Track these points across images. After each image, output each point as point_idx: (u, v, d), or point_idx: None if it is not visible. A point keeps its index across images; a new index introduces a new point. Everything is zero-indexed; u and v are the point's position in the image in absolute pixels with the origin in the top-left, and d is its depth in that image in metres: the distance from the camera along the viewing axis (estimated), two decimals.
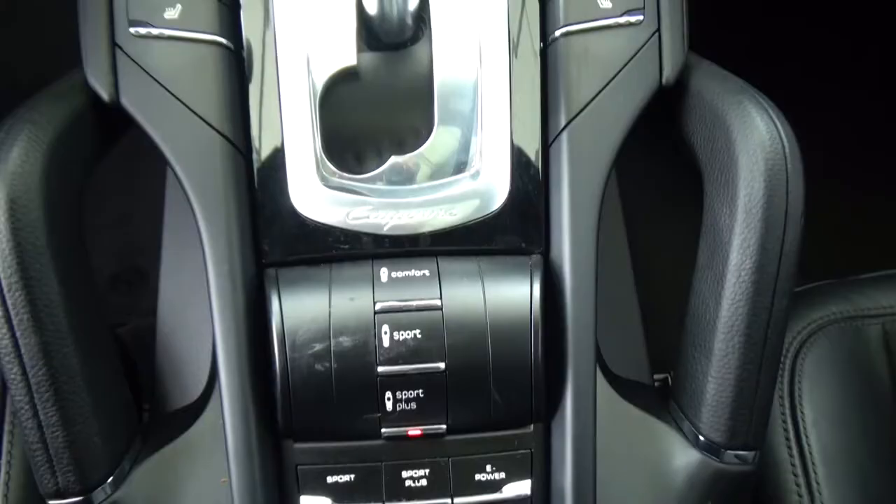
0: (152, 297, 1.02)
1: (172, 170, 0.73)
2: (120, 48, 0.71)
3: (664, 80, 0.75)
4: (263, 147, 0.73)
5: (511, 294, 0.71)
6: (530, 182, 0.74)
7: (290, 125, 0.73)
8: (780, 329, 0.72)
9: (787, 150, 0.69)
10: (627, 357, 1.00)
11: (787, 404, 0.89)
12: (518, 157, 0.74)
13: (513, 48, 0.75)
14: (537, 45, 0.76)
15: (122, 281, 1.67)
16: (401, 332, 0.69)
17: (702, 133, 0.74)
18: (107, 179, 0.89)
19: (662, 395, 0.82)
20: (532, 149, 0.75)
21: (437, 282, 0.71)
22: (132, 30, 0.71)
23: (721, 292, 0.70)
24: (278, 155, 0.73)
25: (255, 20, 0.74)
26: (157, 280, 1.03)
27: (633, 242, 1.10)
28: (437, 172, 0.74)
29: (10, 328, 0.64)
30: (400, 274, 0.71)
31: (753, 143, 0.68)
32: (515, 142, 0.74)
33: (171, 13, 0.71)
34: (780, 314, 0.71)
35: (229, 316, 0.72)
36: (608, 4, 0.75)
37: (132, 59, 0.71)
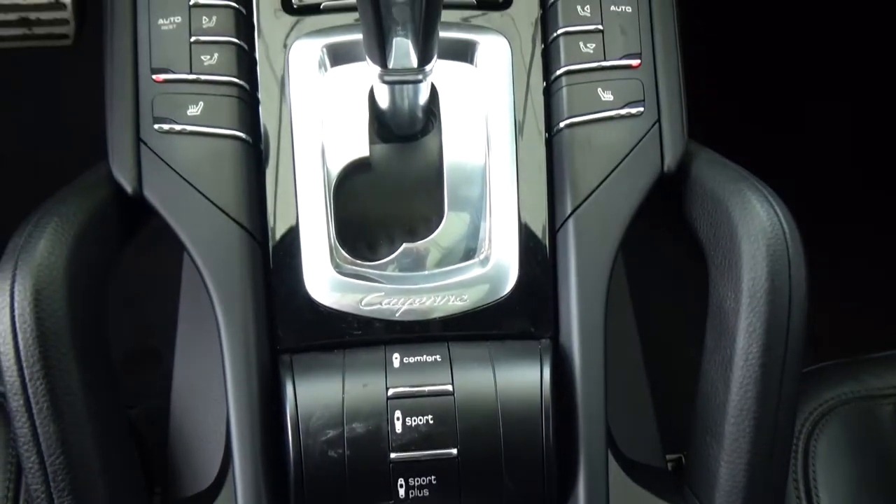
0: (165, 378, 1.03)
1: (190, 256, 0.75)
2: (144, 143, 0.75)
3: (665, 168, 0.78)
4: (279, 235, 0.76)
5: (521, 379, 0.72)
6: (538, 267, 0.76)
7: (306, 214, 0.76)
8: (791, 412, 0.73)
9: (787, 235, 0.70)
10: (639, 438, 0.99)
11: (801, 487, 0.89)
12: (526, 243, 0.76)
13: (519, 139, 0.78)
14: (542, 134, 0.79)
15: (134, 361, 1.68)
16: (413, 418, 0.70)
17: (704, 219, 0.76)
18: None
19: (675, 479, 0.82)
20: (539, 235, 0.77)
21: (449, 367, 0.72)
22: (157, 126, 0.75)
23: (730, 376, 0.71)
24: (293, 243, 0.75)
25: (272, 115, 0.78)
26: (169, 362, 1.04)
27: (641, 321, 1.11)
28: (448, 258, 0.76)
29: (30, 417, 0.65)
30: (412, 359, 0.73)
31: (755, 228, 0.70)
32: (523, 228, 0.76)
33: (194, 110, 0.75)
34: (790, 397, 0.72)
35: (244, 401, 0.73)
36: (610, 97, 0.78)
37: (156, 154, 0.75)
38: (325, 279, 0.75)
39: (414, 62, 0.66)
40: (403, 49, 0.65)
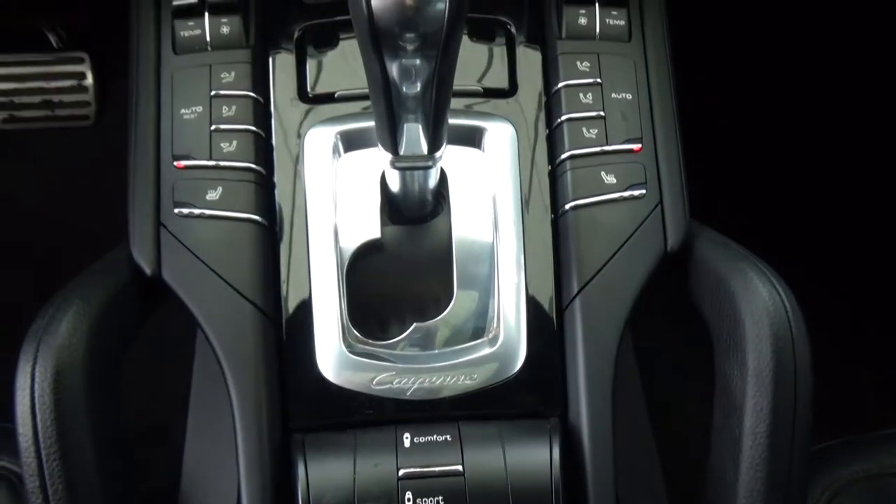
0: (174, 455, 1.03)
1: (205, 335, 0.77)
2: (164, 227, 0.78)
3: (669, 248, 0.80)
4: (293, 315, 0.78)
5: (531, 460, 0.72)
6: (546, 346, 0.78)
7: (318, 294, 0.78)
8: (802, 491, 0.73)
9: (790, 315, 0.72)
10: None
11: None
12: (534, 321, 0.78)
13: (526, 220, 0.80)
14: (549, 216, 0.81)
15: (141, 436, 1.68)
16: (424, 499, 0.70)
17: (708, 298, 0.78)
18: None
19: None
20: (547, 314, 0.78)
21: (459, 447, 0.72)
22: (177, 210, 0.78)
23: (739, 456, 0.71)
24: (306, 322, 0.77)
25: (287, 198, 0.81)
26: (177, 438, 1.05)
27: (649, 393, 1.11)
28: (457, 338, 0.78)
29: (45, 497, 0.66)
30: (422, 439, 0.73)
31: (758, 309, 0.72)
32: (531, 307, 0.78)
33: (213, 195, 0.78)
34: (800, 476, 0.72)
35: (256, 480, 0.73)
36: (613, 180, 0.81)
37: (175, 237, 0.77)
38: (336, 358, 0.76)
39: (424, 149, 0.69)
40: (414, 136, 0.69)
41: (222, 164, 0.79)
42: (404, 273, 0.80)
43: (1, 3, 1.31)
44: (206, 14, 0.83)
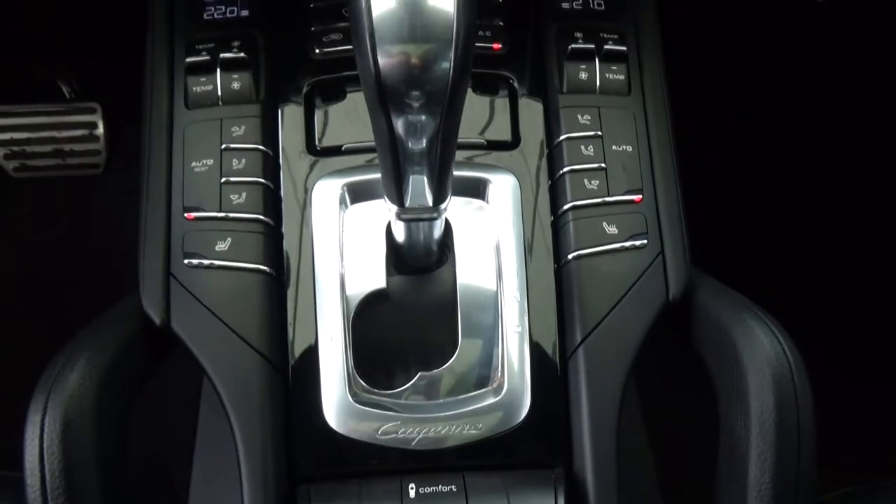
0: (179, 503, 1.03)
1: (212, 384, 0.78)
2: (174, 277, 0.79)
3: (671, 297, 0.81)
4: (299, 365, 0.79)
5: None
6: (550, 396, 0.78)
7: (325, 343, 0.78)
8: None
9: (792, 365, 0.73)
10: None
11: None
12: (538, 371, 0.78)
13: (529, 270, 0.81)
14: (552, 265, 0.83)
15: (145, 484, 1.67)
16: None
17: (710, 348, 0.79)
18: None
19: None
20: (551, 364, 0.79)
21: (464, 497, 0.73)
22: (186, 261, 0.79)
23: None
24: (312, 371, 0.78)
25: (295, 249, 0.82)
26: (183, 487, 1.04)
27: (653, 440, 1.11)
28: (462, 387, 0.78)
29: None
30: (427, 489, 0.73)
31: (760, 359, 0.73)
32: (535, 356, 0.79)
33: (222, 246, 0.80)
34: None
35: None
36: (614, 230, 0.82)
37: (185, 287, 0.79)
38: (342, 408, 0.77)
39: (429, 201, 0.71)
40: (419, 189, 0.70)
41: (231, 215, 0.81)
42: (409, 322, 0.81)
43: (18, 55, 1.35)
44: (218, 70, 0.86)
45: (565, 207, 0.83)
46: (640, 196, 0.84)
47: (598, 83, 0.89)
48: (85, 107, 1.70)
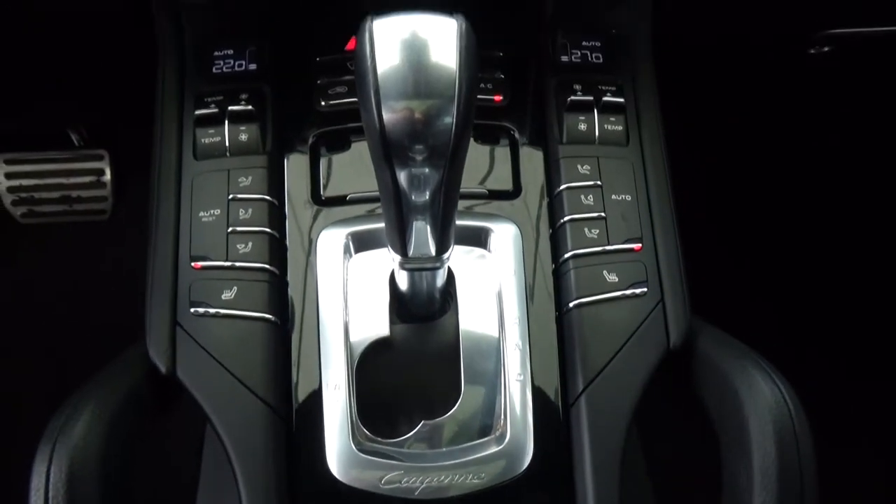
0: None
1: (216, 432, 0.78)
2: (181, 326, 0.80)
3: (671, 345, 0.82)
4: (303, 413, 0.79)
5: None
6: (553, 444, 0.78)
7: (328, 392, 0.79)
8: None
9: (793, 413, 0.73)
10: None
11: None
12: (540, 419, 0.79)
13: (531, 318, 0.82)
14: (553, 313, 0.83)
15: None
16: None
17: (711, 396, 0.79)
18: None
19: None
20: (553, 412, 0.80)
21: None
22: (193, 309, 0.81)
23: None
24: (316, 420, 0.78)
25: (300, 297, 0.83)
26: None
27: (656, 487, 1.11)
28: (465, 435, 0.79)
29: None
30: None
31: (761, 407, 0.73)
32: (537, 404, 0.79)
33: (228, 294, 0.81)
34: None
35: None
36: (615, 278, 0.83)
37: (190, 336, 0.80)
38: (345, 456, 0.77)
39: (432, 251, 0.72)
40: (422, 238, 0.71)
41: (238, 264, 0.82)
42: (413, 370, 0.82)
43: (29, 108, 1.38)
44: (227, 122, 0.88)
45: (566, 256, 0.84)
46: (640, 245, 0.85)
47: (597, 134, 0.91)
48: (93, 154, 1.72)
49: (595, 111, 0.91)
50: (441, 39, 0.59)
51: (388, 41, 0.59)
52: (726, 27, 1.15)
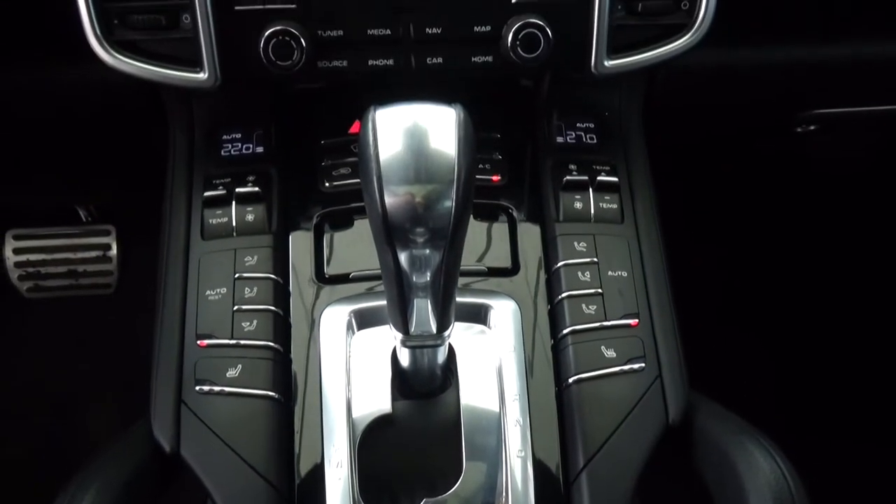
0: None
1: None
2: (185, 404, 0.81)
3: (670, 421, 0.82)
4: (305, 491, 0.79)
5: None
6: None
7: (331, 470, 0.79)
8: None
9: (793, 489, 0.73)
10: None
11: None
12: (542, 497, 0.79)
13: (531, 394, 0.83)
14: (552, 389, 0.85)
15: None
16: None
17: (711, 472, 0.79)
18: None
19: None
20: (554, 489, 0.80)
21: None
22: (198, 387, 0.82)
23: None
24: (318, 499, 0.78)
25: (303, 374, 0.84)
26: None
27: None
28: None
29: None
30: None
31: (760, 483, 0.73)
32: (538, 482, 0.79)
33: (233, 372, 0.82)
34: None
35: None
36: (613, 354, 0.85)
37: (195, 414, 0.80)
38: None
39: (433, 328, 0.74)
40: (424, 316, 0.73)
41: (243, 342, 0.83)
42: (414, 447, 0.82)
43: (37, 190, 1.42)
44: (234, 203, 0.91)
45: (564, 331, 0.86)
46: (637, 320, 0.87)
47: (592, 212, 0.93)
48: (100, 229, 1.75)
49: (590, 190, 0.94)
50: (440, 128, 0.62)
51: (390, 130, 0.62)
52: (715, 111, 1.20)
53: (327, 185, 0.95)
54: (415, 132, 0.61)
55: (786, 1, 1.03)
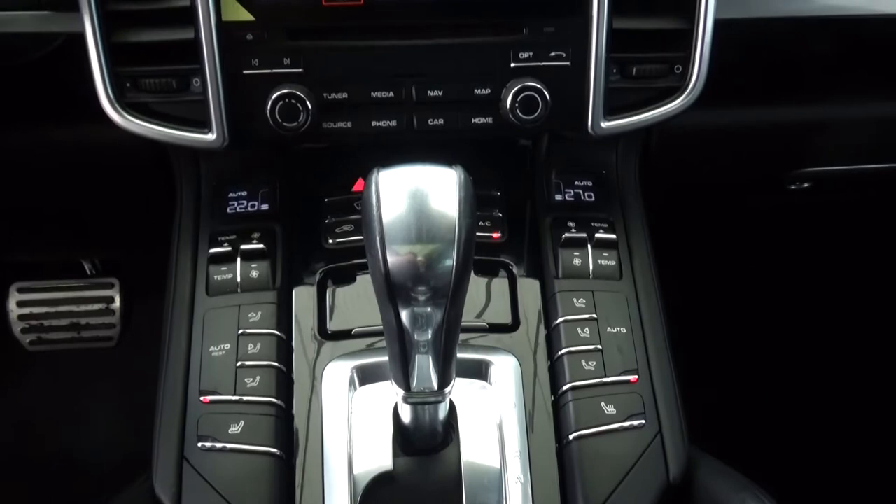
0: None
1: None
2: (187, 460, 0.81)
3: (671, 478, 0.82)
4: None
5: None
6: None
7: None
8: None
9: None
10: None
11: None
12: None
13: (532, 450, 0.84)
14: (553, 445, 0.85)
15: None
16: None
17: None
18: None
19: None
20: None
21: None
22: (200, 444, 0.82)
23: None
24: None
25: (305, 430, 0.85)
26: None
27: None
28: None
29: None
30: None
31: None
32: None
33: (235, 429, 0.83)
34: None
35: None
36: (613, 410, 0.85)
37: (197, 471, 0.81)
38: None
39: (435, 385, 0.75)
40: (425, 373, 0.74)
41: (245, 398, 0.84)
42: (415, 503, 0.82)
43: (43, 249, 1.44)
44: (239, 260, 0.93)
45: (565, 388, 0.86)
46: (637, 377, 0.87)
47: (591, 269, 0.95)
48: (104, 282, 1.77)
49: (589, 247, 0.96)
50: (442, 189, 0.64)
51: (393, 191, 0.64)
52: (709, 168, 1.23)
53: (331, 241, 0.97)
54: (417, 193, 0.63)
55: (777, 64, 1.06)
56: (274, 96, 0.88)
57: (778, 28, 0.99)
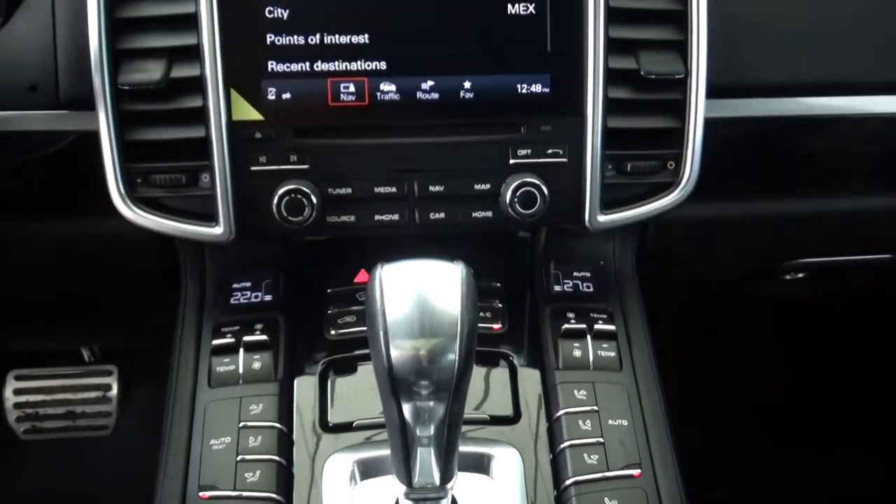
0: None
1: None
2: None
3: None
4: None
5: None
6: None
7: None
8: None
9: None
10: None
11: None
12: None
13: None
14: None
15: None
16: None
17: None
18: None
19: None
20: None
21: None
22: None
23: None
24: None
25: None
26: None
27: None
28: None
29: None
30: None
31: None
32: None
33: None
34: None
35: None
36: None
37: None
38: None
39: (436, 480, 0.74)
40: (427, 467, 0.74)
41: (245, 494, 0.83)
42: None
43: (49, 333, 1.44)
44: (241, 351, 0.93)
45: (567, 483, 0.86)
46: (639, 471, 0.87)
47: (591, 360, 0.95)
48: (102, 369, 1.76)
49: (588, 338, 0.97)
50: (444, 285, 0.66)
51: (397, 286, 0.65)
52: (705, 259, 1.25)
53: (333, 332, 0.98)
54: (420, 289, 0.65)
55: (770, 160, 1.10)
56: (280, 191, 0.90)
57: (768, 125, 1.03)
